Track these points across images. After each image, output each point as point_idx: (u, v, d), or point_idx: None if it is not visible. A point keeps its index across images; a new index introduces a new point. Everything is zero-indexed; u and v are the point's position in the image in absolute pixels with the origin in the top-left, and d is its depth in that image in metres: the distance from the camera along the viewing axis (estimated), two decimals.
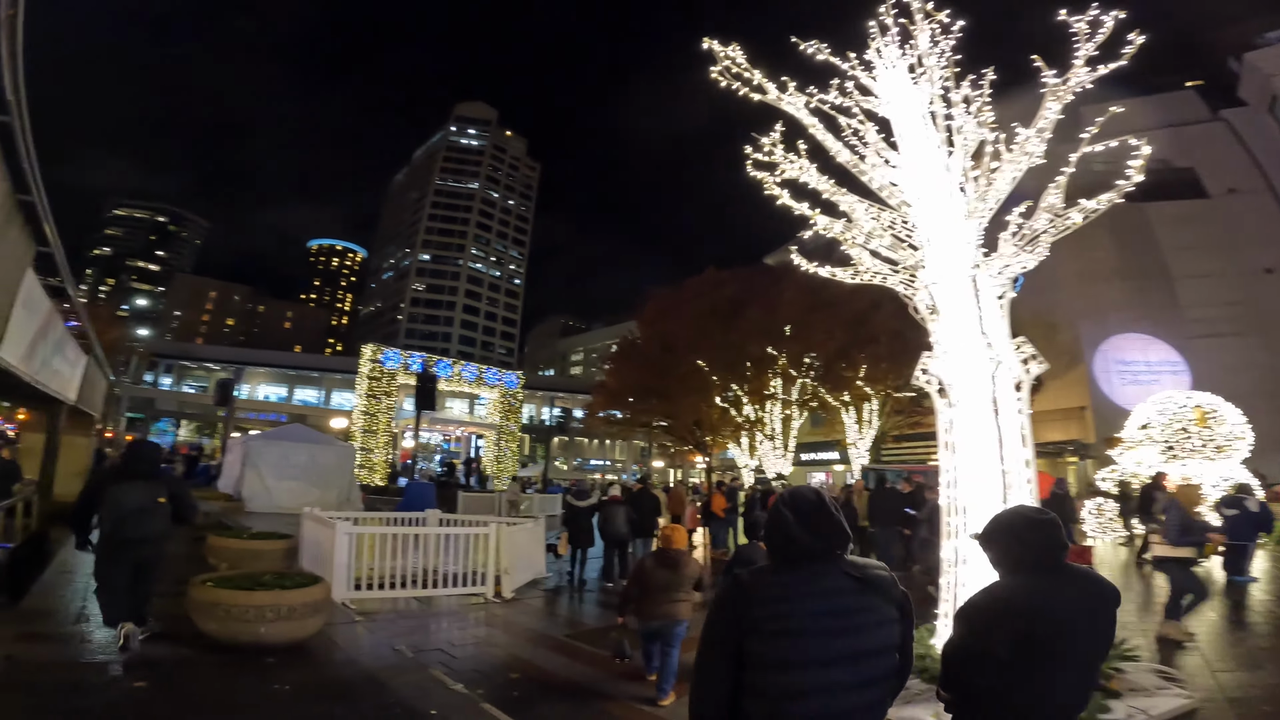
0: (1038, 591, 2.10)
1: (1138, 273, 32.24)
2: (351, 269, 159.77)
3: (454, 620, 7.10)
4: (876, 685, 1.77)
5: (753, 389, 29.70)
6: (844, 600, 1.76)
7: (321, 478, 17.66)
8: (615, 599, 7.67)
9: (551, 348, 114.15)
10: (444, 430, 33.72)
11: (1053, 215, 5.11)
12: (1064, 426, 32.83)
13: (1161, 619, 6.23)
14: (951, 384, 5.01)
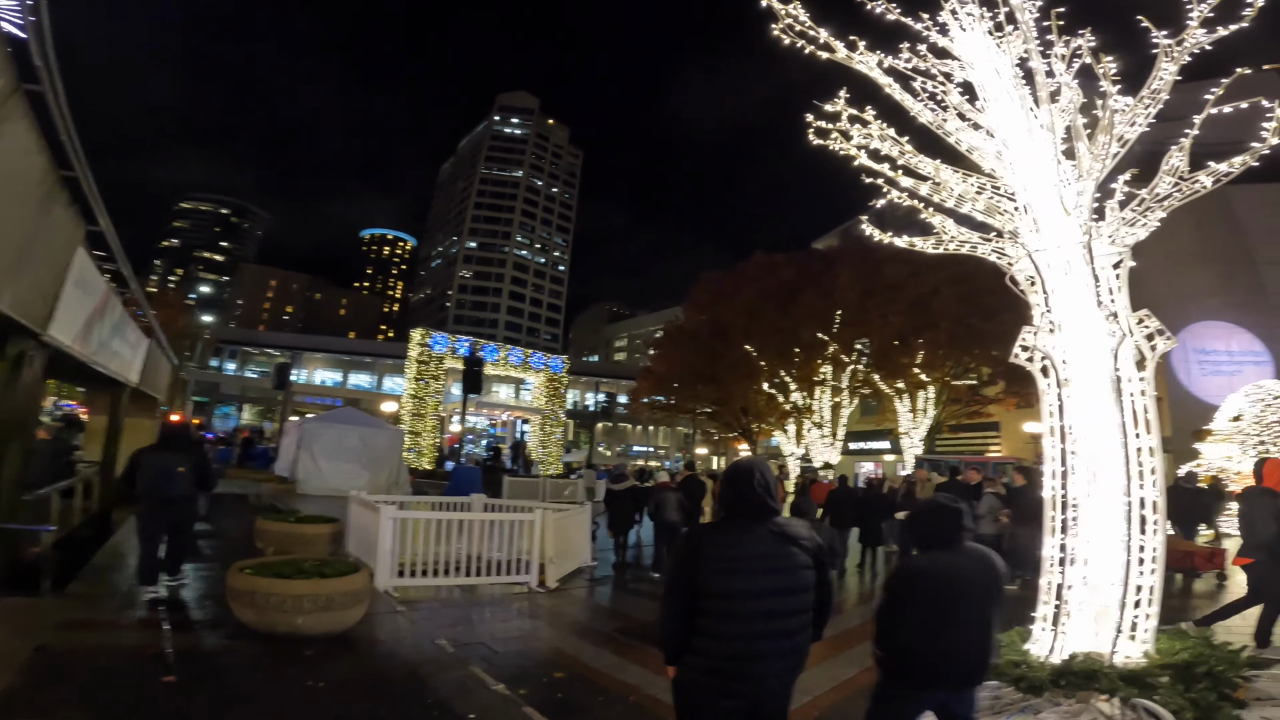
0: (943, 564, 2.79)
1: (1221, 258, 29.97)
2: (402, 257, 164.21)
3: (497, 611, 6.85)
4: (796, 615, 2.45)
5: (802, 375, 28.94)
6: (769, 548, 2.44)
7: (372, 460, 17.85)
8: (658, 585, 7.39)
9: (596, 334, 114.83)
10: (490, 414, 33.97)
11: (1177, 179, 4.43)
12: None
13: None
14: (1064, 361, 4.41)
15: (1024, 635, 4.55)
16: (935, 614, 2.71)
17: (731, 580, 2.39)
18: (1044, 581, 4.35)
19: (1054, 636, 4.06)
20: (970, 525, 2.94)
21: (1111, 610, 3.96)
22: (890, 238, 5.91)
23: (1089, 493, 4.12)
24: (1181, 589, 9.18)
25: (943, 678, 2.75)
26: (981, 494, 10.11)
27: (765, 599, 2.39)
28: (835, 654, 5.49)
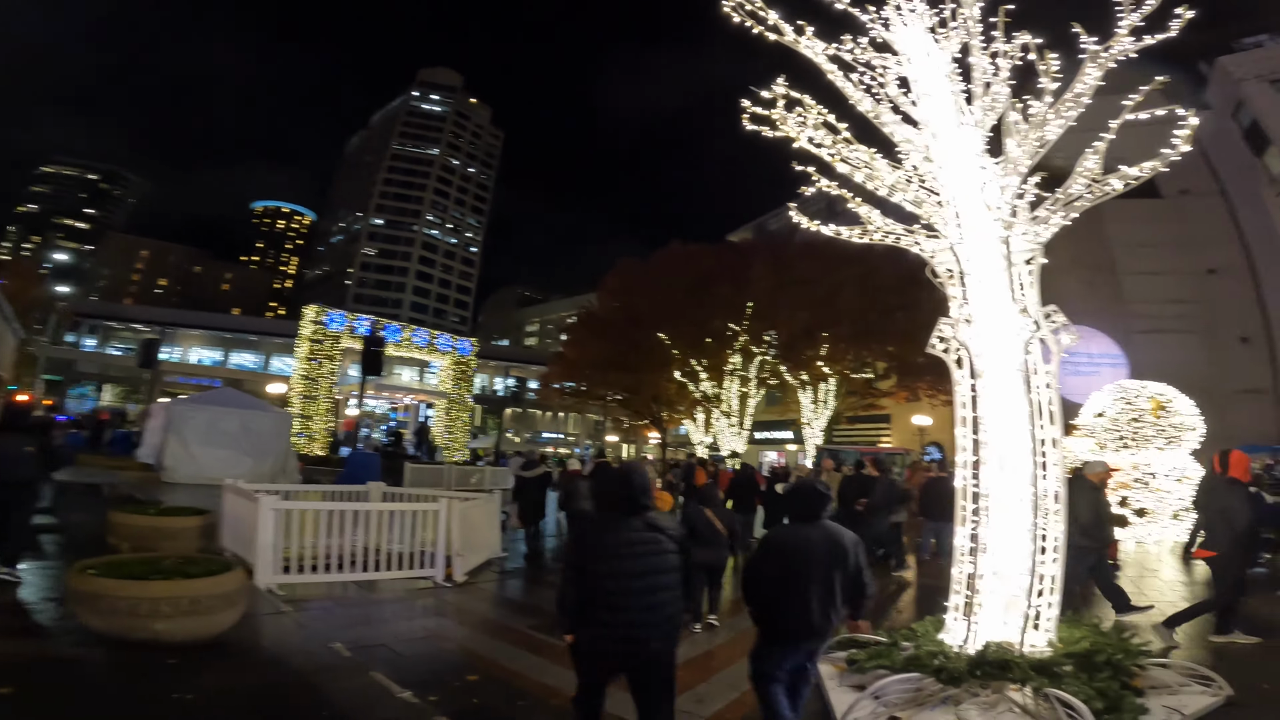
0: (800, 536, 3.37)
1: (1088, 266, 32.95)
2: (299, 232, 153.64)
3: (400, 609, 6.33)
4: (664, 591, 2.98)
5: (712, 364, 29.43)
6: (639, 535, 2.99)
7: (255, 446, 16.36)
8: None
9: (507, 318, 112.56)
10: (391, 398, 32.27)
11: (1090, 180, 4.59)
12: None
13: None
14: (979, 353, 4.47)
15: (938, 625, 4.62)
16: (788, 577, 3.32)
17: (610, 563, 2.96)
18: (955, 571, 4.43)
19: (967, 626, 4.13)
20: (827, 507, 3.55)
21: (1020, 599, 4.07)
22: (818, 225, 5.85)
23: (997, 482, 4.21)
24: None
25: (798, 634, 3.34)
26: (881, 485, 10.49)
27: (637, 578, 2.95)
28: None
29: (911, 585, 8.63)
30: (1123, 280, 33.09)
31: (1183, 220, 32.12)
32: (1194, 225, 31.93)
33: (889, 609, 7.08)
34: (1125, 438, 14.23)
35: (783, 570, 3.34)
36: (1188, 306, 31.78)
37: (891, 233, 5.27)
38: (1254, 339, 30.37)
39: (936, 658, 3.96)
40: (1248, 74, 27.42)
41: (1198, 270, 31.82)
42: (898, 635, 4.57)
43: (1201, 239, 31.72)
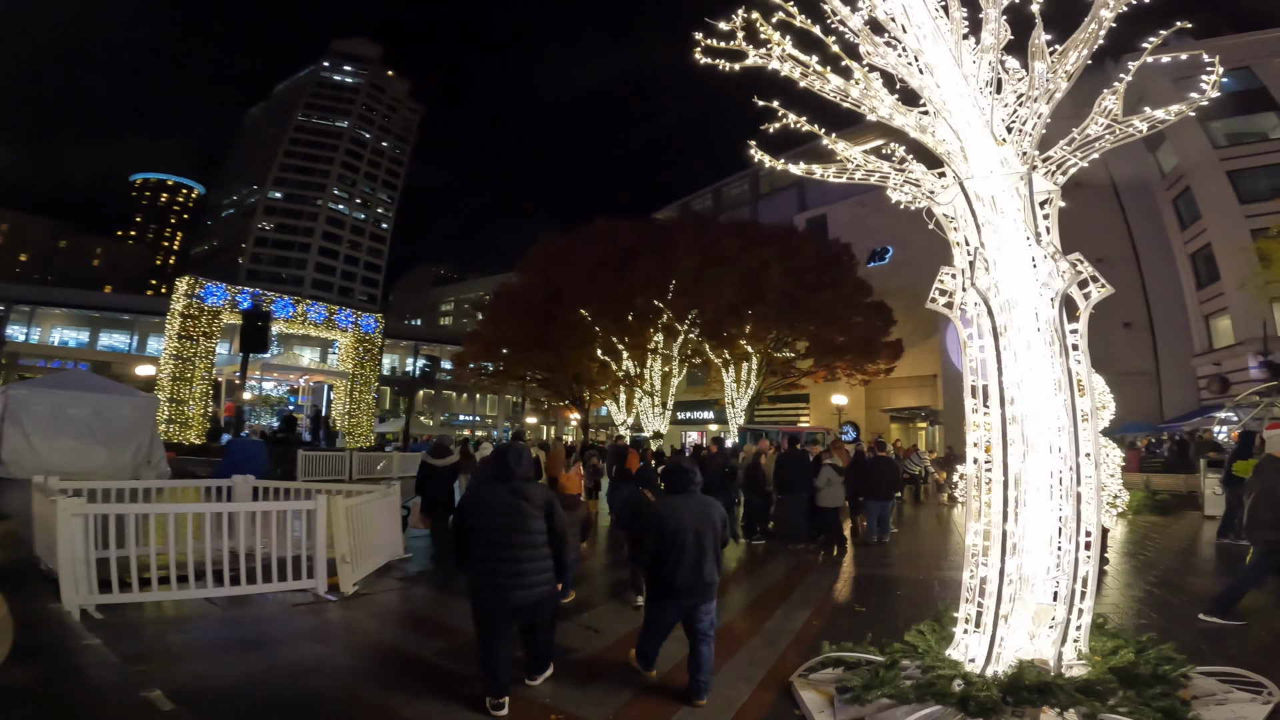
0: (676, 506, 4.06)
1: None
2: (185, 206, 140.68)
3: (264, 633, 5.02)
4: (525, 548, 3.73)
5: (635, 343, 28.65)
6: (509, 501, 3.77)
7: (111, 435, 14.00)
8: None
9: (421, 297, 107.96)
10: (285, 379, 29.40)
11: (1110, 120, 3.89)
12: (918, 393, 34.94)
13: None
14: (1002, 305, 3.70)
15: (938, 636, 3.88)
16: (667, 543, 3.87)
17: (479, 519, 3.75)
18: (966, 575, 3.67)
19: (991, 642, 3.37)
20: (698, 481, 4.23)
21: (1054, 607, 3.36)
22: (784, 164, 4.96)
23: (1029, 466, 3.47)
24: None
25: (677, 591, 3.89)
26: (820, 466, 9.93)
27: (498, 534, 3.69)
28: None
29: (865, 576, 8.02)
30: None
31: (1076, 209, 33.73)
32: (1087, 215, 33.88)
33: (849, 608, 6.37)
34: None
35: (660, 536, 3.95)
36: None
37: (876, 170, 4.42)
38: (1137, 325, 32.63)
39: (955, 681, 3.18)
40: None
41: (1089, 258, 33.55)
42: (893, 651, 3.78)
43: (1093, 228, 33.74)
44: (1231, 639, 5.01)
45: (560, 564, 3.97)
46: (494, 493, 3.80)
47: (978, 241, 3.80)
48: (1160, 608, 6.11)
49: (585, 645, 4.95)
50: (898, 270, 33.76)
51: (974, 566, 3.63)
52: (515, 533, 3.70)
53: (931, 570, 7.98)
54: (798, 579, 7.33)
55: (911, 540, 10.65)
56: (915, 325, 32.14)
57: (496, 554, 3.69)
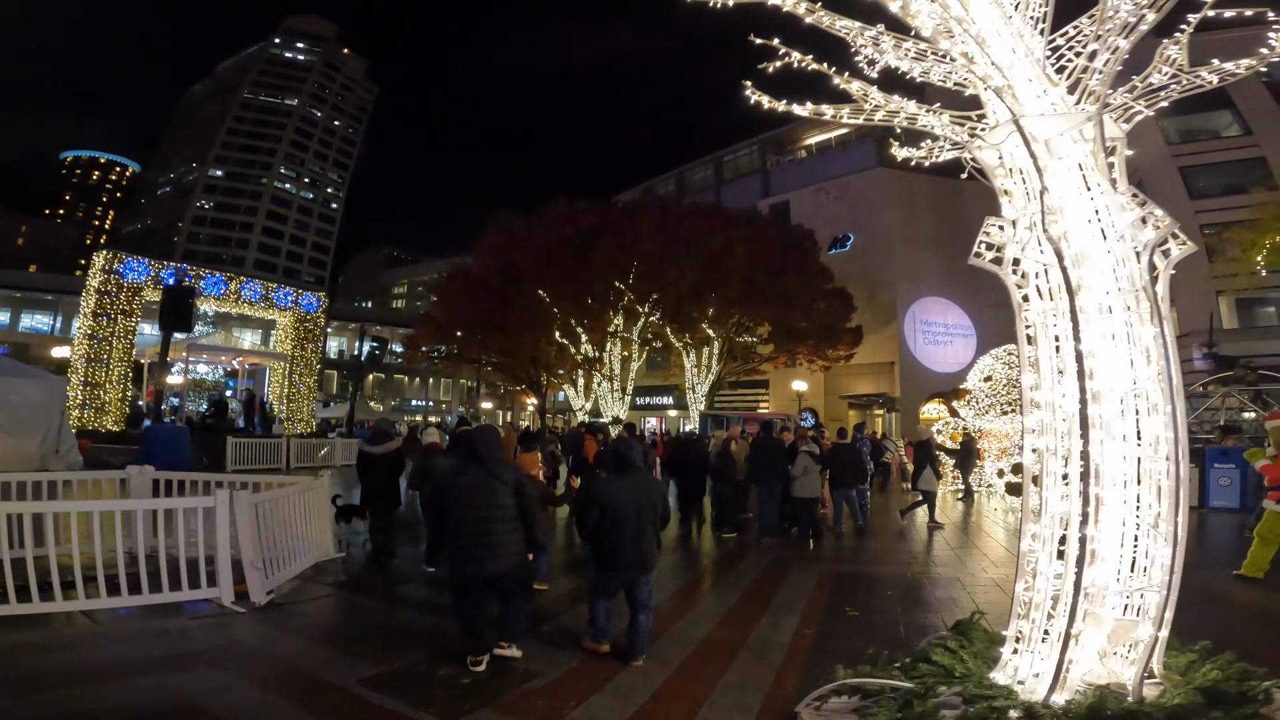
0: (618, 486, 4.34)
1: (948, 242, 34.79)
2: (119, 184, 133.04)
3: (148, 653, 4.10)
4: (498, 523, 4.06)
5: (594, 326, 27.83)
6: (482, 481, 4.11)
7: (14, 422, 12.43)
8: (448, 594, 5.25)
9: (373, 279, 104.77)
10: (217, 361, 27.46)
11: (1175, 70, 3.29)
12: (875, 380, 35.15)
13: None
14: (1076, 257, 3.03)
15: (971, 651, 3.25)
16: (608, 519, 4.24)
17: (453, 499, 4.14)
18: (1020, 587, 3.04)
19: (1059, 665, 2.74)
20: (640, 462, 4.56)
21: (1136, 623, 2.75)
22: (785, 105, 4.21)
23: (1112, 455, 2.84)
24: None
25: (618, 565, 4.26)
26: (796, 453, 9.34)
27: (472, 510, 4.08)
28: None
29: (848, 574, 7.46)
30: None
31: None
32: None
33: (840, 612, 5.76)
34: (1012, 402, 14.26)
35: (603, 513, 4.21)
36: None
37: (899, 110, 3.72)
38: None
39: (1012, 712, 2.54)
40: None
41: None
42: (922, 675, 3.13)
43: None
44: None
45: (531, 537, 4.31)
46: (468, 472, 4.19)
47: (1039, 185, 3.12)
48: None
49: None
50: (858, 258, 33.79)
51: (1030, 576, 2.99)
52: (490, 508, 4.07)
53: (916, 567, 7.49)
54: (777, 578, 6.72)
55: (885, 532, 10.20)
56: (874, 312, 32.25)
57: (472, 528, 4.05)
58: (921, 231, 34.56)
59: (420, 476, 6.73)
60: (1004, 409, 14.37)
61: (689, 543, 9.11)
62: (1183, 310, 27.31)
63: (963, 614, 5.35)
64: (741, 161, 43.22)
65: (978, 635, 3.58)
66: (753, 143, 42.63)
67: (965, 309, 35.48)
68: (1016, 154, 3.27)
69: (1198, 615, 5.04)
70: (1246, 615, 5.60)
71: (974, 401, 15.15)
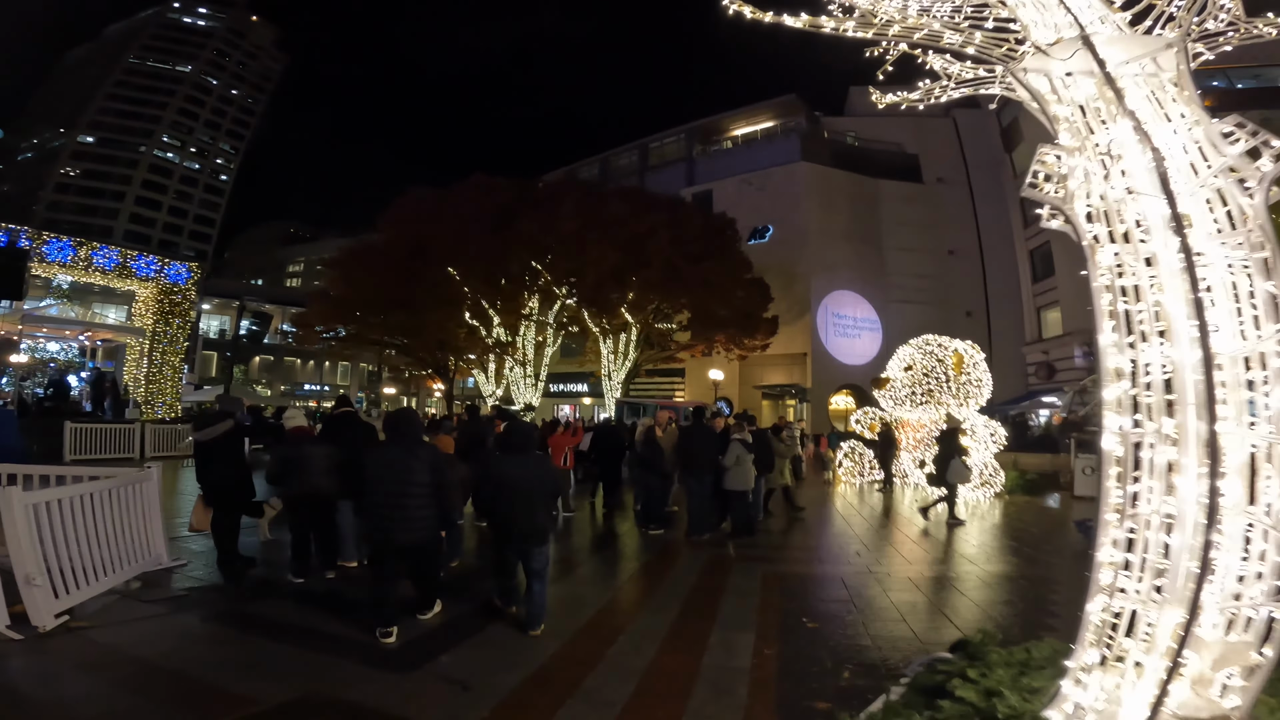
0: (511, 464, 4.60)
1: (860, 239, 35.83)
2: None
3: None
4: (411, 498, 4.37)
5: (508, 308, 26.31)
6: (400, 457, 4.43)
7: None
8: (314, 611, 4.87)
9: (265, 255, 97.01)
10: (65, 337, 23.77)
11: (1232, 19, 2.67)
12: (788, 371, 35.66)
13: None
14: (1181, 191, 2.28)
15: (1006, 683, 2.51)
16: (504, 495, 4.54)
17: (375, 473, 4.42)
18: (1092, 606, 2.30)
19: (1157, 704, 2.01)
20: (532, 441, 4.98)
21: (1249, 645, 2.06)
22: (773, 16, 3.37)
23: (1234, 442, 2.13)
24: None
25: (512, 536, 4.58)
26: (729, 441, 8.63)
27: (388, 485, 4.37)
28: None
29: (789, 576, 6.78)
30: (885, 254, 36.49)
31: (936, 205, 36.22)
32: (944, 210, 36.16)
33: (797, 623, 5.03)
34: (929, 391, 14.22)
35: (498, 489, 4.59)
36: (930, 281, 36.04)
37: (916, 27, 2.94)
38: (976, 313, 35.33)
39: None
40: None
41: (941, 250, 36.19)
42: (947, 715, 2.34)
43: (948, 223, 36.06)
44: None
45: (445, 514, 4.74)
46: (389, 450, 4.52)
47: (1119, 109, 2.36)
48: None
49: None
50: (776, 249, 34.00)
51: (1109, 592, 2.24)
52: (404, 484, 4.35)
53: (858, 565, 6.93)
54: (718, 583, 5.94)
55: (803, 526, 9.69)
56: (789, 303, 32.57)
57: (388, 501, 4.34)
58: (837, 226, 35.27)
59: (281, 467, 5.41)
60: (922, 399, 14.33)
61: (615, 543, 8.21)
62: (1065, 310, 29.17)
63: (925, 619, 4.81)
64: (668, 149, 42.68)
65: (995, 659, 2.89)
66: (679, 131, 42.19)
67: (873, 303, 36.57)
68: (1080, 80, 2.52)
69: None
70: None
71: (894, 391, 15.06)
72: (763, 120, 39.44)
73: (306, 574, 5.52)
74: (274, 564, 6.04)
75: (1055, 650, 3.10)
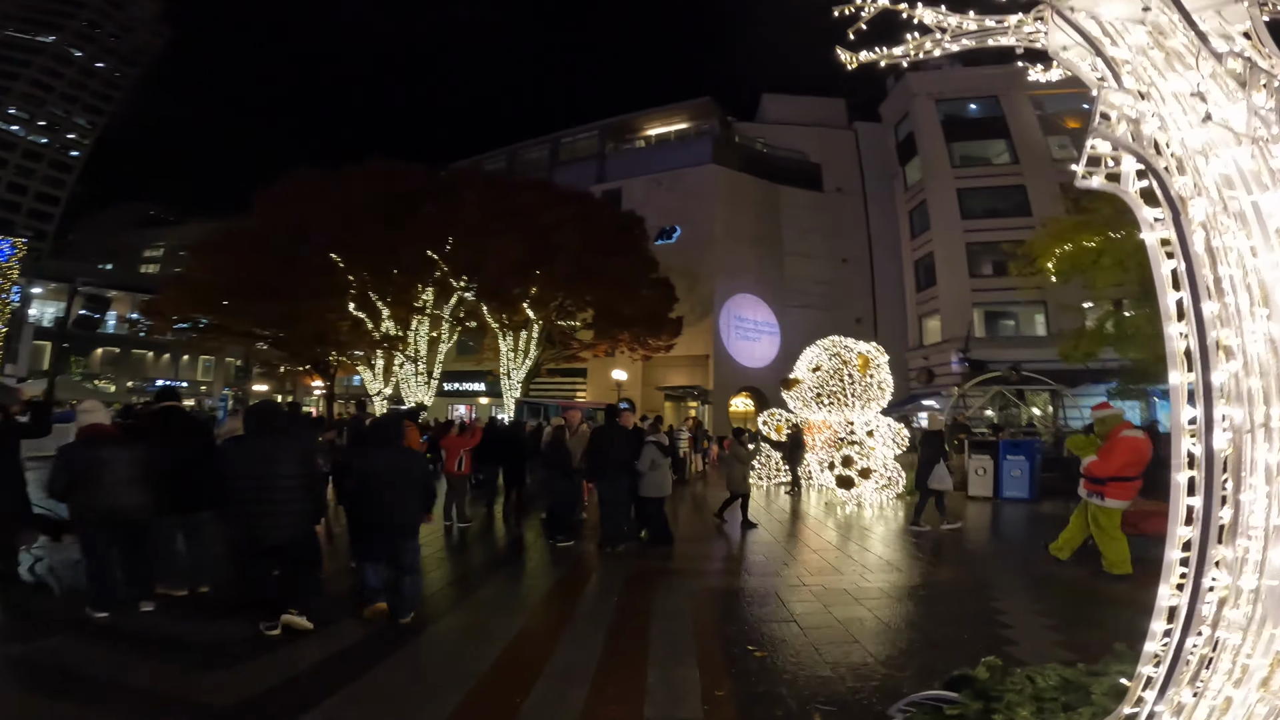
0: (377, 458, 4.64)
1: (763, 243, 36.63)
2: None
3: None
4: (283, 491, 4.21)
5: (400, 300, 24.39)
6: (273, 448, 4.29)
7: None
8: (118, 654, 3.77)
9: (119, 238, 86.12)
10: None
11: None
12: (691, 373, 35.82)
13: None
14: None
15: None
16: (372, 488, 4.55)
17: (236, 468, 4.24)
18: (1157, 628, 1.80)
19: None
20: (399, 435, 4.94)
21: None
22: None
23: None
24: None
25: (382, 530, 4.58)
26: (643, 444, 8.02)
27: (256, 479, 4.18)
28: None
29: (718, 593, 6.22)
30: (785, 260, 37.55)
31: (833, 213, 37.69)
32: (840, 219, 37.71)
33: (742, 651, 4.45)
34: (835, 394, 14.27)
35: (363, 483, 4.61)
36: (825, 288, 37.47)
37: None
38: (864, 320, 37.05)
39: None
40: (922, 91, 32.33)
41: (836, 258, 37.73)
42: None
43: (843, 231, 37.65)
44: None
45: (318, 508, 4.59)
46: (251, 444, 4.35)
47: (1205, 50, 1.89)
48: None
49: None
50: (682, 250, 34.03)
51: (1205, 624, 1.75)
52: (274, 478, 4.20)
53: (785, 577, 6.48)
54: (644, 604, 5.27)
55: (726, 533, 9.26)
56: (693, 305, 32.67)
57: (255, 497, 4.16)
58: (743, 230, 35.85)
59: (69, 476, 4.17)
60: (828, 401, 14.39)
61: (521, 557, 7.34)
62: (945, 319, 31.10)
63: (877, 639, 4.27)
64: (580, 145, 41.82)
65: (1014, 694, 2.40)
66: (593, 127, 41.48)
67: (772, 307, 37.49)
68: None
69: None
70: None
71: (801, 392, 15.05)
72: (677, 121, 39.50)
73: (111, 606, 4.32)
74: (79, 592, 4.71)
75: (1065, 679, 2.67)
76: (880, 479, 12.76)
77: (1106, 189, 2.21)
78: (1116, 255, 13.99)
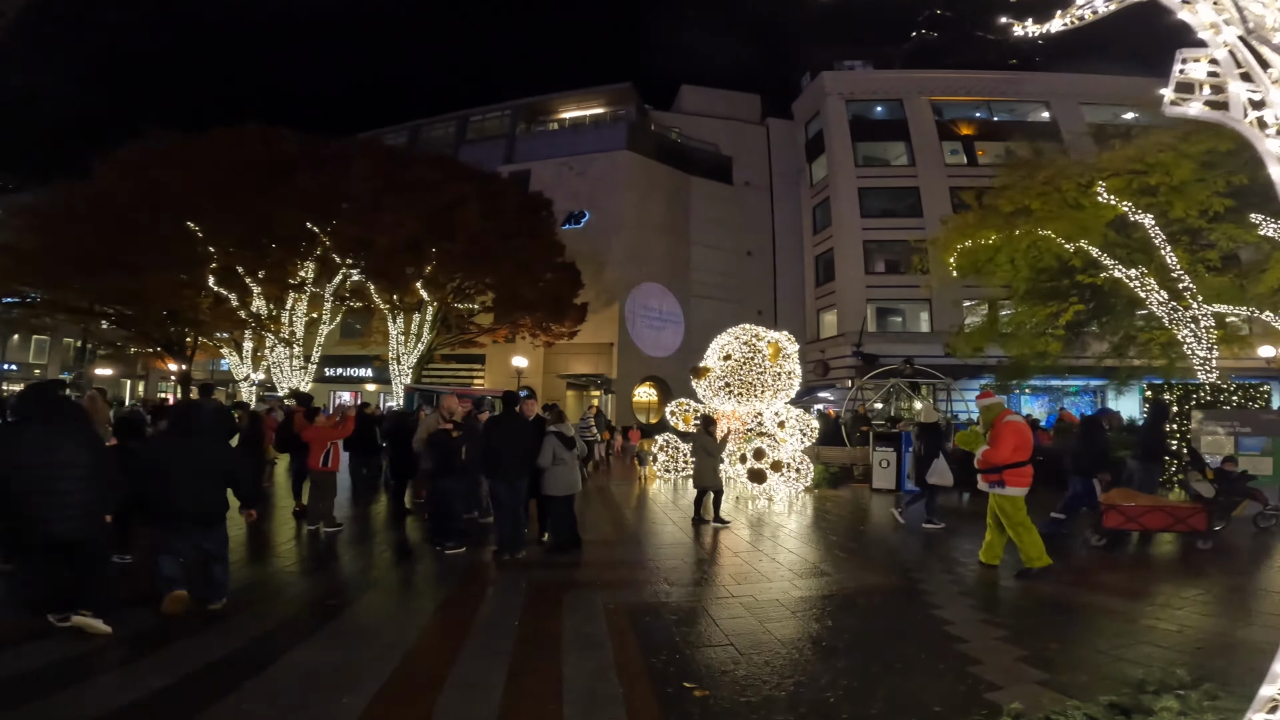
0: (165, 446, 4.71)
1: (672, 232, 36.36)
2: None
3: None
4: (65, 481, 3.90)
5: (272, 276, 21.85)
6: (45, 436, 3.96)
7: None
8: None
9: None
10: None
11: None
12: (594, 361, 35.03)
13: None
14: None
15: None
16: (173, 478, 4.42)
17: (14, 458, 3.87)
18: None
19: None
20: (202, 424, 4.76)
21: None
22: None
23: None
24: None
25: (180, 520, 4.44)
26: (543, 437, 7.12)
27: (38, 470, 3.86)
28: None
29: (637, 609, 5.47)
30: (693, 250, 37.50)
31: (741, 206, 38.05)
32: (747, 213, 38.14)
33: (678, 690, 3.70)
34: (744, 383, 13.90)
35: (155, 470, 4.46)
36: (730, 280, 37.81)
37: None
38: (765, 312, 37.74)
39: None
40: (834, 90, 32.89)
41: (741, 250, 38.14)
42: None
43: (749, 225, 38.11)
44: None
45: (105, 499, 4.21)
46: (27, 430, 3.98)
47: None
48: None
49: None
50: (590, 236, 33.10)
51: None
52: (59, 468, 3.91)
53: (711, 587, 5.84)
54: (550, 628, 4.44)
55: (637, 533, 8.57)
56: (599, 291, 31.88)
57: (37, 488, 3.85)
58: (652, 218, 35.41)
59: None
60: (740, 389, 14.01)
61: (403, 568, 6.26)
62: (841, 313, 32.11)
63: (833, 661, 3.55)
64: (489, 124, 39.71)
65: None
66: (504, 107, 39.51)
67: (678, 297, 37.34)
68: None
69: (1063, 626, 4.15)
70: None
71: (711, 381, 14.60)
72: (593, 105, 38.37)
73: None
74: None
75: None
76: (790, 471, 12.50)
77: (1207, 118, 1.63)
78: (1009, 253, 14.61)
